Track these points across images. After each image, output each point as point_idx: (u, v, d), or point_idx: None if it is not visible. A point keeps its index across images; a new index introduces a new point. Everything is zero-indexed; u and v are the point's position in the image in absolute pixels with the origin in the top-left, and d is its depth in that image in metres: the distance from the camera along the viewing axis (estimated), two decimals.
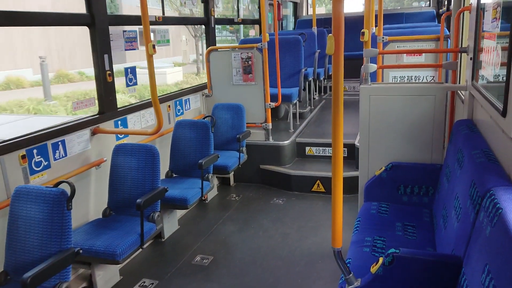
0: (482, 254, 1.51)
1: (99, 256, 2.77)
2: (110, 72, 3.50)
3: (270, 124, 5.03)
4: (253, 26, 9.96)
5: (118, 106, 3.67)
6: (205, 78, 5.27)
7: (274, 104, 5.05)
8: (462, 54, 3.38)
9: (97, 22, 3.37)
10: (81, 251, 2.43)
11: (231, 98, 5.04)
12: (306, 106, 6.72)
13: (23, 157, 2.80)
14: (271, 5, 7.81)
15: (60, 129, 3.12)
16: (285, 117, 6.26)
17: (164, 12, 4.62)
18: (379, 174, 3.08)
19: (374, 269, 1.91)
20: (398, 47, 4.80)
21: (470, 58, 2.76)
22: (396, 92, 3.14)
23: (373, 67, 3.27)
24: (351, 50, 6.99)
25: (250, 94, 5.03)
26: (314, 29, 7.37)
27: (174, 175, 4.11)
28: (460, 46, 3.52)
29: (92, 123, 3.39)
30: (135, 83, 3.85)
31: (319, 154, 5.18)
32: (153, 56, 3.12)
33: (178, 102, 4.66)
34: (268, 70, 4.88)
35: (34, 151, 2.89)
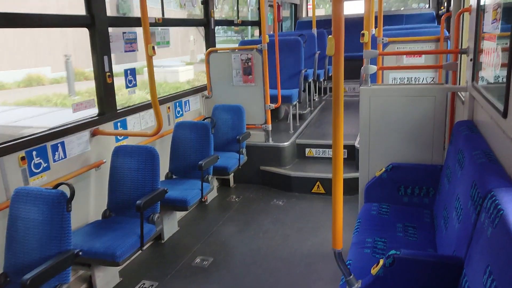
0: (483, 255, 1.50)
1: (99, 257, 2.77)
2: (109, 73, 3.50)
3: (270, 125, 5.03)
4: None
5: (137, 102, 3.63)
6: None
7: (274, 105, 5.05)
8: (462, 55, 3.38)
9: (97, 23, 3.37)
10: (80, 253, 2.42)
11: (231, 99, 5.04)
12: (306, 107, 6.72)
13: (23, 158, 2.80)
14: (271, 6, 7.82)
15: (59, 130, 3.11)
16: (285, 118, 6.25)
17: (163, 13, 4.62)
18: (380, 175, 3.08)
19: (374, 270, 1.91)
20: (398, 49, 4.80)
21: (470, 59, 2.75)
22: (396, 93, 3.14)
23: (373, 69, 3.27)
24: (351, 51, 6.99)
25: (250, 95, 5.03)
26: (314, 30, 7.38)
27: (174, 177, 4.11)
28: (460, 47, 3.53)
29: (91, 125, 3.39)
30: (135, 85, 3.85)
31: (319, 156, 5.18)
32: (153, 57, 3.13)
33: (177, 104, 4.66)
34: (268, 71, 4.88)
35: (34, 153, 2.88)
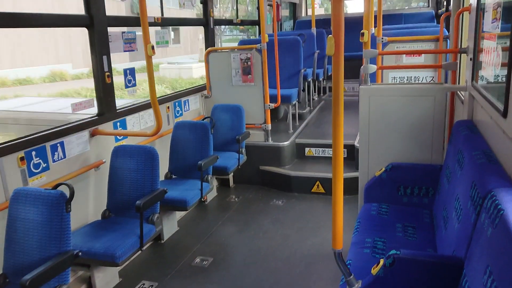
0: (483, 255, 1.50)
1: (99, 258, 2.76)
2: (109, 73, 3.49)
3: (270, 125, 5.02)
4: None
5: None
6: None
7: (273, 105, 5.04)
8: (462, 54, 3.38)
9: (95, 23, 3.36)
10: (80, 253, 2.42)
11: (231, 99, 5.03)
12: (305, 107, 6.71)
13: (22, 159, 2.79)
14: (270, 5, 7.81)
15: (58, 130, 3.11)
16: (284, 118, 6.25)
17: (162, 13, 4.61)
18: (379, 175, 3.07)
19: (374, 270, 1.90)
20: (397, 48, 4.80)
21: (470, 59, 2.75)
22: (395, 93, 3.14)
23: (372, 68, 3.27)
24: (351, 50, 6.99)
25: (249, 95, 5.03)
26: (313, 29, 7.37)
27: (174, 177, 4.10)
28: (459, 47, 3.52)
29: (91, 125, 3.38)
30: (134, 85, 3.84)
31: (319, 155, 5.17)
32: (152, 57, 3.12)
33: (177, 103, 4.65)
34: (267, 71, 4.88)
35: (33, 153, 2.88)
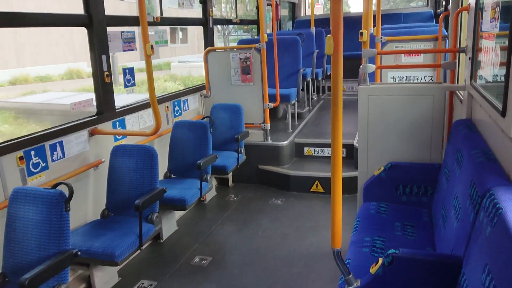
0: (482, 254, 1.51)
1: (98, 257, 2.76)
2: (108, 72, 3.49)
3: (269, 124, 5.03)
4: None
5: (168, 92, 3.59)
6: None
7: (272, 104, 5.04)
8: (461, 54, 3.39)
9: (94, 22, 3.36)
10: (79, 253, 2.42)
11: (230, 98, 5.04)
12: (304, 106, 6.72)
13: (21, 158, 2.79)
14: (269, 5, 7.81)
15: (58, 130, 3.11)
16: (283, 117, 6.25)
17: (162, 12, 4.61)
18: (378, 174, 3.08)
19: (373, 269, 1.91)
20: (396, 47, 4.81)
21: (469, 58, 2.76)
22: (394, 92, 3.14)
23: (371, 67, 3.27)
24: (350, 50, 7.00)
25: (248, 95, 5.03)
26: (312, 29, 7.38)
27: (173, 176, 4.10)
28: (458, 46, 3.53)
29: (90, 124, 3.38)
30: (133, 84, 3.84)
31: (318, 154, 5.18)
32: (151, 56, 3.12)
33: (176, 103, 4.65)
34: (266, 71, 4.88)
35: (32, 153, 2.88)
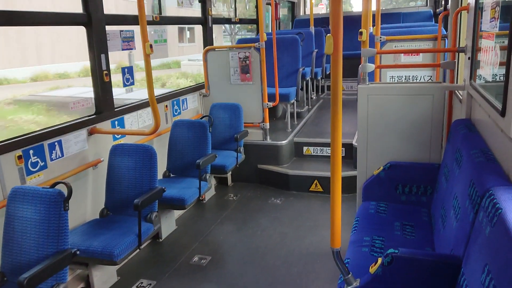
0: (481, 254, 1.51)
1: (97, 256, 2.76)
2: (107, 71, 3.49)
3: (268, 123, 5.02)
4: None
5: (180, 87, 3.57)
6: None
7: (271, 103, 5.04)
8: (460, 53, 3.38)
9: (93, 21, 3.35)
10: (78, 252, 2.41)
11: (229, 97, 5.03)
12: (303, 106, 6.71)
13: (20, 157, 2.78)
14: (269, 4, 7.80)
15: (56, 129, 3.10)
16: (282, 116, 6.25)
17: (161, 11, 4.60)
18: (377, 173, 3.08)
19: (373, 269, 1.91)
20: (395, 47, 4.81)
21: (468, 58, 2.75)
22: (394, 91, 3.14)
23: (371, 67, 3.27)
24: (349, 49, 6.99)
25: (247, 94, 5.02)
26: (312, 28, 7.37)
27: (172, 175, 4.10)
28: (458, 46, 3.53)
29: (89, 123, 3.37)
30: (132, 83, 3.84)
31: (317, 154, 5.18)
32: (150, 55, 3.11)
33: (175, 102, 4.65)
34: (265, 70, 4.87)
35: (31, 152, 2.87)
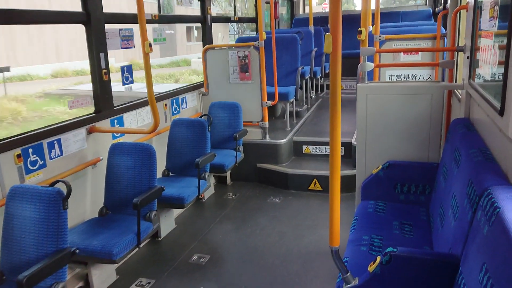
0: (479, 253, 1.51)
1: (96, 255, 2.76)
2: (106, 70, 3.48)
3: (267, 122, 5.02)
4: None
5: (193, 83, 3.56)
6: None
7: (271, 102, 5.04)
8: (459, 53, 3.39)
9: (93, 20, 3.35)
10: (77, 251, 2.42)
11: (228, 96, 5.03)
12: (303, 105, 6.71)
13: (19, 156, 2.78)
14: (268, 3, 7.80)
15: (55, 128, 3.10)
16: (282, 115, 6.25)
17: (160, 10, 4.60)
18: (376, 172, 3.08)
19: (371, 268, 1.91)
20: (395, 46, 4.81)
21: (467, 57, 2.76)
22: (393, 91, 3.14)
23: (370, 66, 3.27)
24: (348, 48, 6.99)
25: (247, 93, 5.02)
26: (311, 27, 7.37)
27: (171, 174, 4.10)
28: (457, 45, 3.53)
29: (88, 122, 3.37)
30: (131, 82, 3.83)
31: (316, 153, 5.18)
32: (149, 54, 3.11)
33: (174, 101, 4.65)
34: (265, 69, 4.87)
35: (30, 150, 2.87)
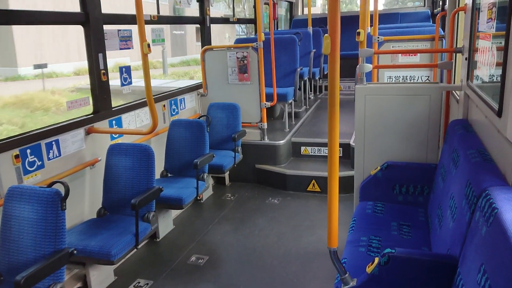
0: (477, 253, 1.51)
1: (94, 256, 2.76)
2: (104, 71, 3.48)
3: (266, 123, 5.03)
4: None
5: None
6: None
7: (269, 103, 5.04)
8: (457, 54, 3.40)
9: (91, 21, 3.35)
10: (75, 252, 2.41)
11: (227, 97, 5.03)
12: (301, 106, 6.72)
13: (17, 156, 2.78)
14: (267, 4, 7.81)
15: (54, 128, 3.09)
16: (280, 116, 6.26)
17: (159, 11, 4.60)
18: (375, 173, 3.08)
19: (370, 269, 1.91)
20: (393, 47, 4.82)
21: (465, 58, 2.76)
22: (391, 92, 3.15)
23: (368, 67, 3.28)
24: (347, 49, 7.01)
25: (245, 94, 5.02)
26: (310, 28, 7.38)
27: (169, 175, 4.10)
28: (455, 46, 3.54)
29: (86, 123, 3.37)
30: (130, 83, 3.83)
31: (315, 154, 5.18)
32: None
33: (173, 102, 4.65)
34: (263, 70, 4.88)
35: (28, 151, 2.86)
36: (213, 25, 5.45)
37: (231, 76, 5.05)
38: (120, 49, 3.74)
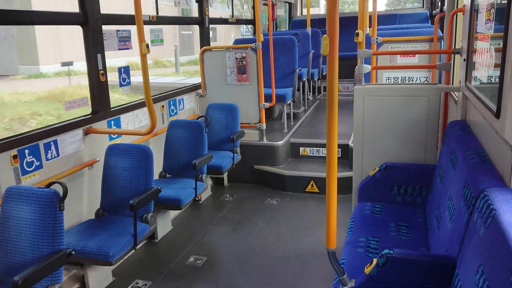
0: (475, 254, 1.51)
1: (92, 257, 2.75)
2: (103, 71, 3.48)
3: (264, 124, 5.03)
4: None
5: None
6: None
7: (268, 104, 5.04)
8: (456, 55, 3.40)
9: (90, 21, 3.35)
10: (73, 252, 2.41)
11: (225, 98, 5.03)
12: (300, 106, 6.72)
13: (15, 157, 2.77)
14: (266, 5, 7.81)
15: (52, 129, 3.09)
16: (279, 117, 6.26)
17: (157, 11, 4.59)
18: (373, 174, 3.09)
19: (368, 269, 1.91)
20: (392, 48, 4.82)
21: (464, 59, 2.77)
22: (390, 93, 3.15)
23: (367, 68, 3.28)
24: (345, 50, 7.02)
25: (244, 94, 5.03)
26: (308, 29, 7.39)
27: (168, 175, 4.09)
28: (453, 47, 3.54)
29: (85, 123, 3.36)
30: (129, 83, 3.83)
31: (313, 155, 5.18)
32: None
33: (172, 102, 4.64)
34: (262, 70, 4.88)
35: (26, 151, 2.86)
36: (219, 26, 5.44)
37: (230, 76, 5.05)
38: (118, 49, 3.74)
